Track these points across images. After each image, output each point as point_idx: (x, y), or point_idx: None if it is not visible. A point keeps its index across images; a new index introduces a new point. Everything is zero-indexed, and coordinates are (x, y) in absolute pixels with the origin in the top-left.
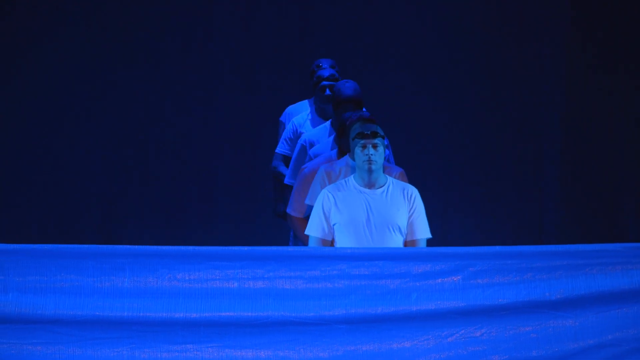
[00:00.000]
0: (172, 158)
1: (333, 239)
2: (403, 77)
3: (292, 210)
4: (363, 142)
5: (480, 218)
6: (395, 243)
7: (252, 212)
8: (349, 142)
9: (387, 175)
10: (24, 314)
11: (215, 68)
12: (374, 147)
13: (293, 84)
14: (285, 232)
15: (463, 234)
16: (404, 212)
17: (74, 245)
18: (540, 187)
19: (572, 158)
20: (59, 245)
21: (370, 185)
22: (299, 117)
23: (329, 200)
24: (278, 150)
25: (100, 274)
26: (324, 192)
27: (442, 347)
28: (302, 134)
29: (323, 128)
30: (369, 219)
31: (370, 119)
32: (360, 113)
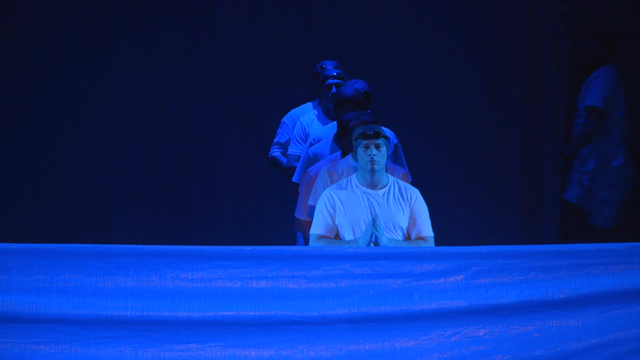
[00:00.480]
0: (174, 158)
1: (337, 235)
2: (403, 77)
3: (300, 214)
4: (365, 142)
5: (482, 218)
6: (397, 243)
7: (254, 211)
8: (352, 142)
9: (389, 176)
10: (27, 314)
11: (217, 68)
12: (377, 147)
13: (295, 84)
14: (288, 232)
15: (465, 234)
16: (406, 212)
17: (77, 245)
18: (543, 186)
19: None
20: (62, 245)
21: (373, 186)
22: (306, 117)
23: (332, 199)
24: (290, 152)
25: (104, 274)
26: (327, 191)
27: (445, 346)
28: (310, 134)
29: (332, 127)
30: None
31: (374, 120)
32: (363, 114)
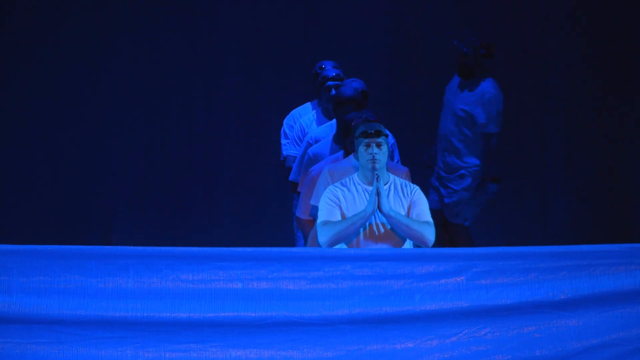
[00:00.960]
0: (174, 158)
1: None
2: (403, 77)
3: (301, 214)
4: (367, 141)
5: (483, 218)
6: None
7: (255, 212)
8: (354, 141)
9: (390, 174)
10: (28, 314)
11: (217, 68)
12: (378, 145)
13: (295, 84)
14: (288, 232)
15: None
16: (406, 209)
17: (78, 246)
18: (544, 187)
19: (576, 158)
20: (63, 246)
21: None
22: (305, 118)
23: (336, 193)
24: (290, 154)
25: (104, 275)
26: (330, 188)
27: (445, 347)
28: (308, 133)
29: (329, 126)
30: (374, 217)
31: (375, 119)
32: (365, 113)
